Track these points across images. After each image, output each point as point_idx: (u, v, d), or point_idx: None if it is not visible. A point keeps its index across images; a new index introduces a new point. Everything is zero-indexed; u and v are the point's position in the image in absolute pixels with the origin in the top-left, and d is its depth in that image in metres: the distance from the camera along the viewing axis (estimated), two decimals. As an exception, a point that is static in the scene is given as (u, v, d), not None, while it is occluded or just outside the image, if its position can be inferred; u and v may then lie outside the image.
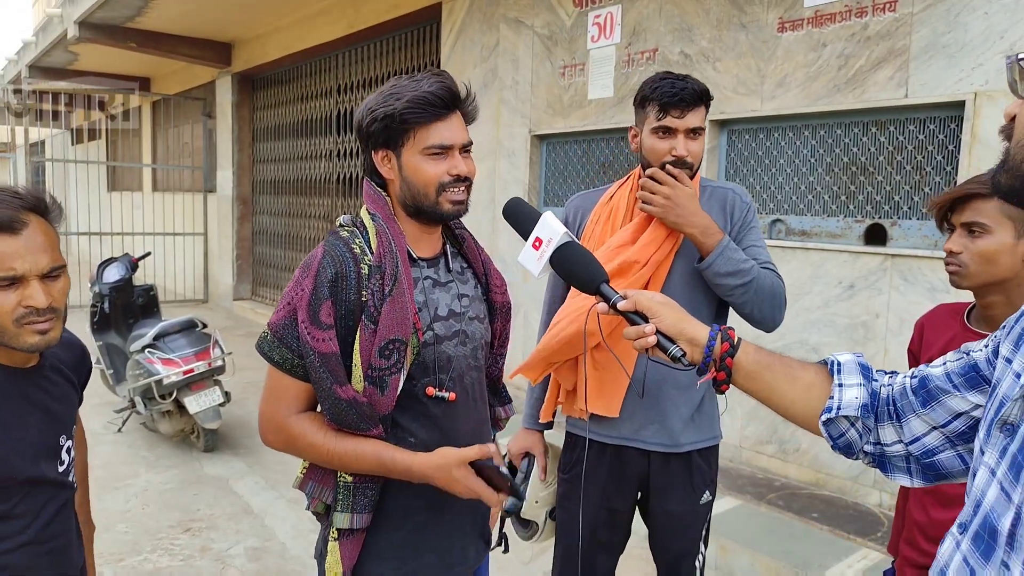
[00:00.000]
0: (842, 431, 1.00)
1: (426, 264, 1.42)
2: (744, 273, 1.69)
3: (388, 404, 1.32)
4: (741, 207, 1.82)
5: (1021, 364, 0.76)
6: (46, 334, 1.24)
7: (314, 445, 1.31)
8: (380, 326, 1.28)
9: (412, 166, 1.35)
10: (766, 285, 1.72)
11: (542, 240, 1.23)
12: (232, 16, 7.84)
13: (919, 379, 0.96)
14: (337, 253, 1.32)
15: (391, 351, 1.30)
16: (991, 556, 0.69)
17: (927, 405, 0.94)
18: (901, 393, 0.98)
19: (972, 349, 0.92)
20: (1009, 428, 0.73)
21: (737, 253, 1.71)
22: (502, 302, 1.56)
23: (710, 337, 1.06)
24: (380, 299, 1.29)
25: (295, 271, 1.35)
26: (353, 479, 1.33)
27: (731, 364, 1.04)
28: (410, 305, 1.32)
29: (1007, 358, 0.80)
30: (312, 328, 1.27)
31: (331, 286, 1.29)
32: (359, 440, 1.30)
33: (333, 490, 1.35)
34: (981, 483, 0.74)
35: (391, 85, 1.36)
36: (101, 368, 5.02)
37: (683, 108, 1.71)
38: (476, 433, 1.46)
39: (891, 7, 3.16)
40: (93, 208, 10.78)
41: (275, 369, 1.33)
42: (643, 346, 1.08)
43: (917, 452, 0.95)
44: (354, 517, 1.33)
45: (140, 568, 3.12)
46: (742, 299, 1.72)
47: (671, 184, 1.70)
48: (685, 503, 1.83)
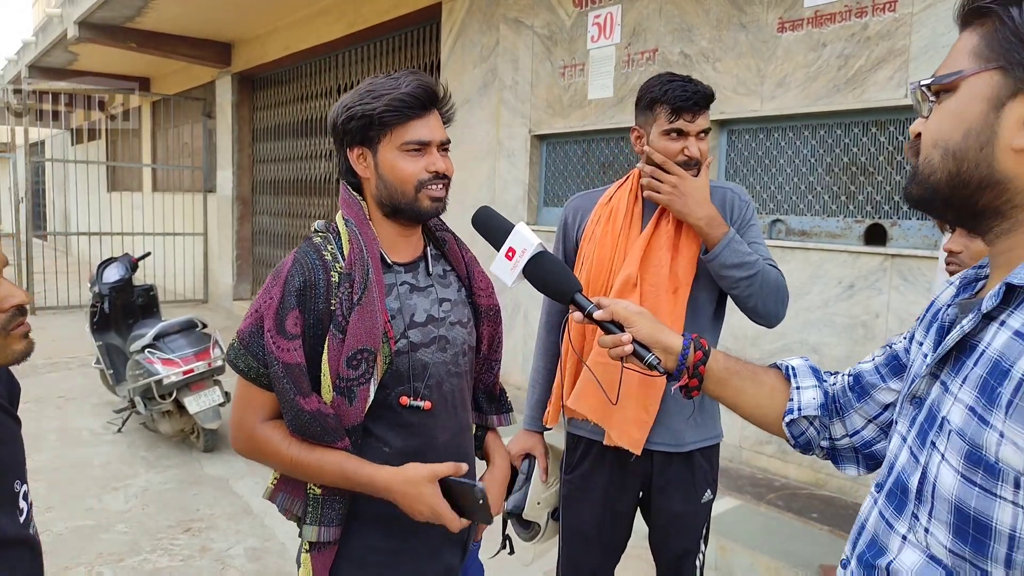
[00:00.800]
0: (803, 430, 1.09)
1: (403, 269, 1.39)
2: (749, 266, 1.70)
3: (357, 415, 1.30)
4: (740, 205, 1.83)
5: (928, 345, 0.87)
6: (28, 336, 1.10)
7: (278, 454, 1.29)
8: (348, 335, 1.26)
9: (389, 163, 1.32)
10: (771, 279, 1.73)
11: (515, 250, 1.24)
12: (232, 16, 7.84)
13: (854, 376, 1.07)
14: (307, 261, 1.30)
15: (359, 361, 1.27)
16: (903, 510, 0.80)
17: (861, 399, 1.05)
18: (842, 391, 1.08)
19: (894, 342, 1.03)
20: (917, 401, 0.83)
21: (742, 245, 1.72)
22: (488, 305, 1.51)
23: (684, 346, 1.12)
24: (348, 308, 1.27)
25: (267, 278, 1.34)
26: (322, 492, 1.31)
27: (703, 371, 1.11)
28: (380, 314, 1.29)
29: (919, 342, 0.92)
30: (278, 337, 1.25)
31: (299, 295, 1.26)
32: (324, 451, 1.28)
33: (304, 502, 1.34)
34: (895, 448, 0.86)
35: (368, 83, 1.34)
36: (101, 368, 5.03)
37: (695, 112, 1.74)
38: (455, 442, 1.43)
39: (891, 7, 3.16)
40: (93, 208, 10.79)
41: (241, 378, 1.31)
42: (619, 354, 1.12)
43: (858, 444, 1.06)
44: (322, 530, 1.31)
45: (140, 568, 3.12)
46: (747, 292, 1.72)
47: (679, 173, 1.72)
48: (687, 502, 1.84)
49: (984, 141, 0.75)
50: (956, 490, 0.72)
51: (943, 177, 0.78)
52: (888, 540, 0.82)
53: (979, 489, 0.70)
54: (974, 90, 0.75)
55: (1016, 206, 0.75)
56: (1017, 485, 0.67)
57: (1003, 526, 0.68)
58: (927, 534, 0.76)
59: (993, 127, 0.74)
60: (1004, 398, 0.68)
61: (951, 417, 0.75)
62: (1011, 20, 0.73)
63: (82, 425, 4.96)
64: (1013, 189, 0.75)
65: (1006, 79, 0.73)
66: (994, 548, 0.69)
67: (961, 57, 0.78)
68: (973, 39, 0.77)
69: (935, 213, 0.83)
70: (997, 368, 0.70)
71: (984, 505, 0.70)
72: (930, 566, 0.75)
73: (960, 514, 0.72)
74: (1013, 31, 0.73)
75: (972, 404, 0.72)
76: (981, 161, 0.75)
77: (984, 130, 0.75)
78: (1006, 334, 0.71)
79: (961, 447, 0.72)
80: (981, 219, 0.79)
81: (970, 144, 0.75)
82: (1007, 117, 0.74)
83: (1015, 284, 0.72)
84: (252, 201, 9.61)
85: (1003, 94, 0.74)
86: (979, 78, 0.75)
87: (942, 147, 0.78)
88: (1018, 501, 0.67)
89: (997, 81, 0.74)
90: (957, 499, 0.72)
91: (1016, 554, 0.68)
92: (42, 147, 17.32)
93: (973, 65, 0.76)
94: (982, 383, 0.72)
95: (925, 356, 0.87)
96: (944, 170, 0.78)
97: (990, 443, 0.69)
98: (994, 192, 0.76)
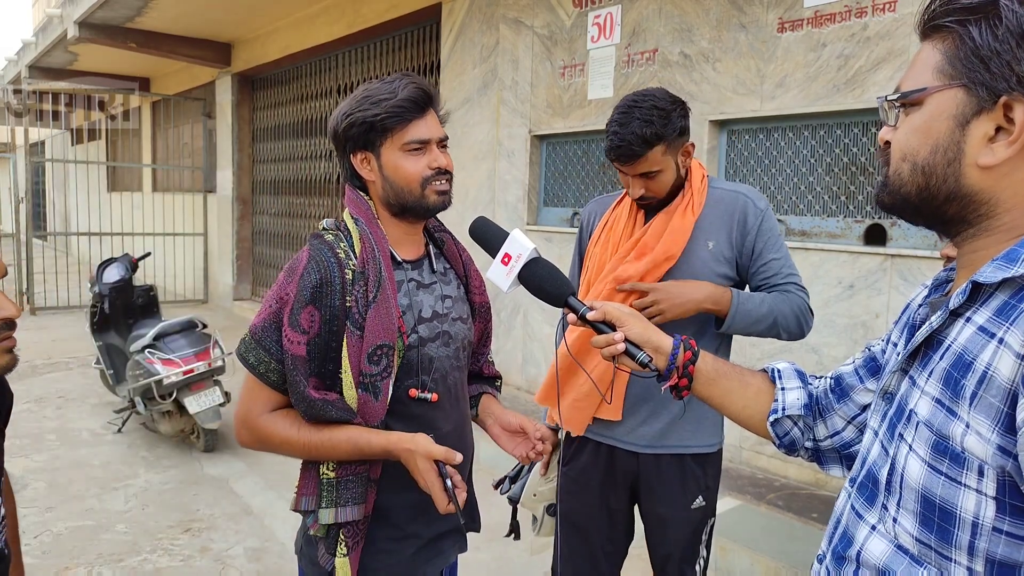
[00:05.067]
0: (787, 430, 1.12)
1: (410, 266, 1.43)
2: (764, 318, 1.72)
3: (382, 409, 1.33)
4: (755, 215, 1.78)
5: (902, 344, 0.91)
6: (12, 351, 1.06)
7: (289, 441, 1.33)
8: (367, 332, 1.30)
9: (392, 164, 1.36)
10: (788, 314, 1.74)
11: (511, 256, 1.26)
12: (232, 16, 7.84)
13: (835, 378, 1.10)
14: (322, 258, 1.32)
15: (380, 356, 1.31)
16: (874, 501, 0.84)
17: (840, 400, 1.08)
18: (824, 392, 1.11)
19: (872, 344, 1.07)
20: (888, 396, 0.87)
21: (750, 302, 1.71)
22: (480, 302, 1.57)
23: (674, 346, 1.15)
24: (365, 305, 1.30)
25: (280, 274, 1.36)
26: (335, 474, 1.33)
27: (693, 371, 1.14)
28: (394, 309, 1.33)
29: (894, 342, 0.96)
30: (290, 331, 1.28)
31: (314, 291, 1.29)
32: (333, 430, 1.31)
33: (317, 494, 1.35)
34: (867, 443, 0.89)
35: (363, 90, 1.37)
36: (101, 368, 5.03)
37: (623, 162, 1.71)
38: (457, 433, 1.47)
39: (891, 7, 3.16)
40: (93, 208, 10.79)
41: (249, 372, 1.34)
42: (611, 353, 1.15)
43: (837, 445, 1.09)
44: (339, 511, 1.33)
45: (140, 568, 3.12)
46: (769, 335, 1.77)
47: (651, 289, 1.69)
48: (673, 507, 1.84)
49: (951, 157, 0.78)
50: (923, 479, 0.75)
51: (912, 190, 0.82)
52: (856, 530, 0.85)
53: (945, 478, 0.73)
54: (940, 107, 0.78)
55: (982, 215, 0.79)
56: (981, 473, 0.70)
57: (967, 514, 0.71)
58: (895, 524, 0.79)
59: (959, 144, 0.77)
60: (968, 390, 0.71)
61: (918, 409, 0.78)
62: (971, 40, 0.75)
63: (82, 425, 4.96)
64: (979, 201, 0.78)
65: (970, 97, 0.76)
66: (958, 536, 0.72)
67: (925, 72, 0.80)
68: (935, 56, 0.79)
69: (906, 219, 0.87)
70: (961, 361, 0.73)
71: (949, 493, 0.73)
72: (897, 555, 0.79)
73: (926, 502, 0.75)
74: (973, 51, 0.75)
75: (938, 396, 0.75)
76: (949, 176, 0.78)
77: (951, 147, 0.78)
78: (971, 329, 0.74)
79: (928, 437, 0.75)
80: (950, 225, 0.82)
81: (938, 160, 0.79)
82: (972, 135, 0.76)
83: (981, 282, 0.75)
84: (252, 201, 9.61)
85: (967, 112, 0.76)
86: (943, 95, 0.78)
87: (911, 161, 0.81)
88: (981, 489, 0.70)
89: (961, 99, 0.77)
90: (924, 488, 0.75)
91: (978, 541, 0.71)
92: (42, 147, 17.32)
93: (937, 82, 0.78)
94: (946, 376, 0.75)
95: (898, 354, 0.90)
96: (913, 183, 0.81)
97: (956, 433, 0.72)
98: (961, 204, 0.79)
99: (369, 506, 1.35)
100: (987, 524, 0.70)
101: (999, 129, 0.75)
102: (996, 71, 0.74)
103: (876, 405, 0.90)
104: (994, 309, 0.73)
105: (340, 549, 1.34)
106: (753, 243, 1.78)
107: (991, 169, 0.76)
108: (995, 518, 0.70)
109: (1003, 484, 0.69)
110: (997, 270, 0.74)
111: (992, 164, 0.76)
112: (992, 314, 0.73)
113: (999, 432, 0.69)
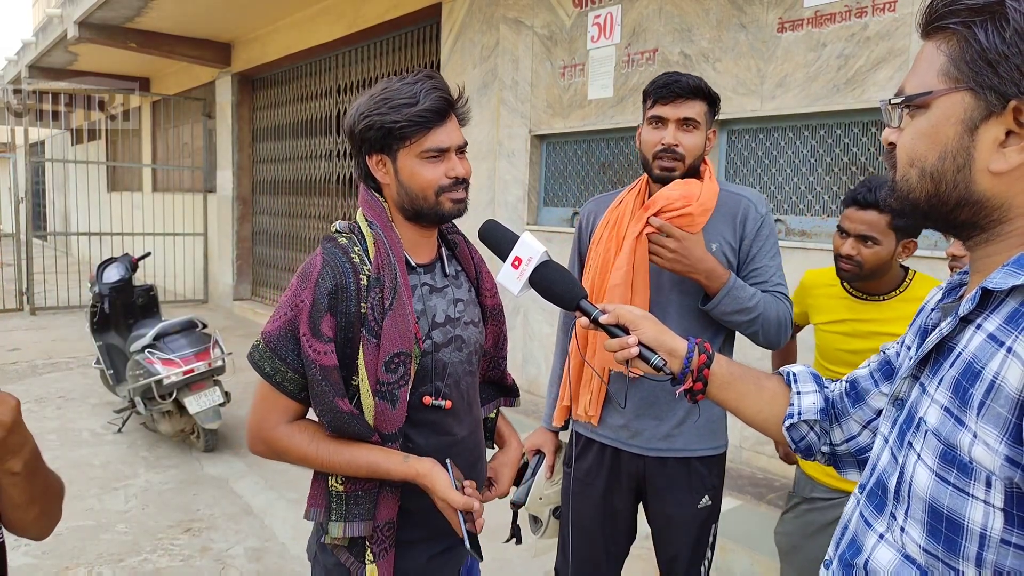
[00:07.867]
0: (803, 435, 1.09)
1: (423, 270, 1.41)
2: (749, 311, 1.70)
3: (400, 418, 1.31)
4: (754, 219, 1.78)
5: (915, 348, 0.89)
6: None
7: (307, 458, 1.32)
8: (383, 340, 1.27)
9: (409, 170, 1.33)
10: (771, 316, 1.73)
11: (522, 259, 1.25)
12: (232, 16, 7.84)
13: (850, 382, 1.08)
14: (337, 263, 1.29)
15: (397, 364, 1.29)
16: (883, 509, 0.82)
17: (856, 404, 1.06)
18: (839, 397, 1.09)
19: (887, 347, 1.05)
20: (899, 402, 0.85)
21: (743, 291, 1.70)
22: (492, 304, 1.55)
23: (688, 349, 1.12)
24: (381, 313, 1.28)
25: (292, 279, 1.33)
26: (344, 488, 1.32)
27: (708, 375, 1.11)
28: (411, 316, 1.31)
29: (908, 346, 0.94)
30: (314, 341, 1.25)
31: (331, 298, 1.27)
32: (353, 451, 1.29)
33: (326, 506, 1.34)
34: (877, 449, 0.88)
35: (382, 89, 1.33)
36: (101, 368, 5.03)
37: (673, 98, 1.72)
38: (471, 439, 1.46)
39: (891, 7, 3.16)
40: (93, 208, 10.80)
41: (264, 380, 1.31)
42: (625, 357, 1.13)
43: (853, 449, 1.07)
44: (347, 526, 1.31)
45: (140, 568, 3.12)
46: (748, 331, 1.75)
47: (678, 236, 1.68)
48: (681, 506, 1.84)
49: (961, 164, 0.76)
50: (931, 489, 0.74)
51: (921, 196, 0.80)
52: (865, 539, 0.83)
53: (952, 488, 0.71)
54: (946, 111, 0.76)
55: (994, 220, 0.77)
56: (988, 484, 0.69)
57: (975, 524, 0.70)
58: (903, 533, 0.78)
59: (969, 150, 0.75)
60: (976, 399, 0.70)
61: (927, 417, 0.76)
62: (977, 43, 0.73)
63: (82, 425, 4.96)
64: (991, 207, 0.76)
65: (978, 101, 0.74)
66: (966, 547, 0.71)
67: (929, 74, 0.78)
68: (939, 57, 0.77)
69: (915, 223, 0.86)
70: (970, 370, 0.72)
71: (957, 504, 0.71)
72: (905, 565, 0.77)
73: (934, 513, 0.73)
74: (980, 54, 0.73)
75: (947, 405, 0.74)
76: (959, 182, 0.76)
77: (960, 152, 0.75)
78: (981, 337, 0.73)
79: (936, 447, 0.74)
80: (961, 230, 0.80)
81: (947, 166, 0.76)
82: (982, 139, 0.74)
83: (991, 288, 0.73)
84: (252, 201, 9.61)
85: (976, 116, 0.74)
86: (950, 99, 0.76)
87: (919, 167, 0.79)
88: (989, 500, 0.69)
89: (969, 103, 0.74)
90: (931, 498, 0.74)
91: (986, 553, 0.70)
92: (42, 147, 17.33)
93: (943, 85, 0.76)
94: (955, 384, 0.73)
95: (911, 358, 0.88)
96: (922, 190, 0.79)
97: (964, 443, 0.70)
98: (972, 210, 0.77)
99: (393, 511, 1.34)
100: (995, 536, 0.69)
101: (1009, 133, 0.73)
102: (1005, 75, 0.72)
103: (887, 411, 0.88)
104: (1004, 316, 0.71)
105: (368, 556, 1.33)
106: (749, 246, 1.78)
107: (1003, 174, 0.74)
108: (1003, 530, 0.68)
109: (1011, 496, 0.68)
110: (1007, 276, 0.72)
111: (1004, 170, 0.74)
112: (1002, 321, 0.71)
113: (1007, 443, 0.67)
